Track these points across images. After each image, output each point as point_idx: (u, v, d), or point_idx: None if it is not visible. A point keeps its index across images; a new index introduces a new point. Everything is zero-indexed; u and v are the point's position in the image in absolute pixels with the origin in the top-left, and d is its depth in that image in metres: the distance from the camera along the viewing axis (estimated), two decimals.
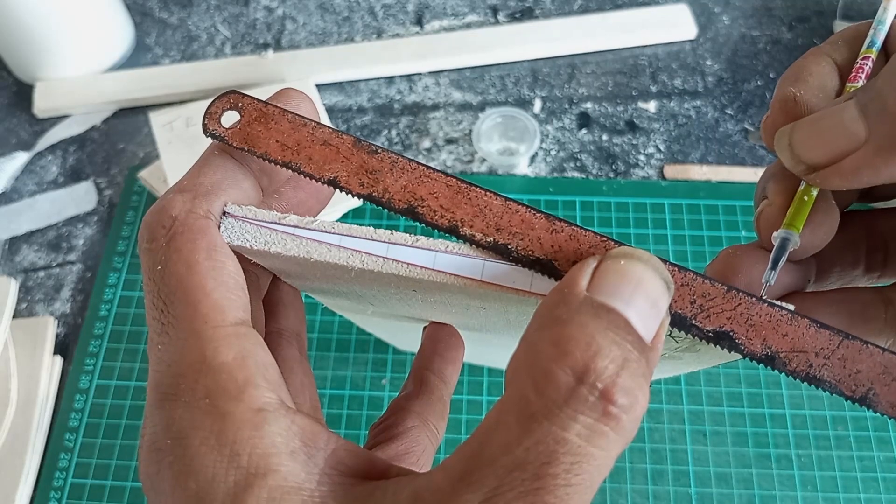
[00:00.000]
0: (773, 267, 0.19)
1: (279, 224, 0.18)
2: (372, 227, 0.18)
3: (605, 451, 0.14)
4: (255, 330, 0.17)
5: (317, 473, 0.15)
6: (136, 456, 0.47)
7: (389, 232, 0.18)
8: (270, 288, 0.25)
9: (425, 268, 0.18)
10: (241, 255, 0.19)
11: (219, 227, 0.18)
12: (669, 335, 0.18)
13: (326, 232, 0.18)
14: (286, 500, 0.15)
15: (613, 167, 0.58)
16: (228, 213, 0.18)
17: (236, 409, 0.15)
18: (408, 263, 0.18)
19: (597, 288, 0.15)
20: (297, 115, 0.19)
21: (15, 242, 0.56)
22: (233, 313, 0.17)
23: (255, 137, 0.19)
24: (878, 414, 0.16)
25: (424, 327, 0.29)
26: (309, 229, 0.18)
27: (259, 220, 0.18)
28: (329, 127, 0.19)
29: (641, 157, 0.58)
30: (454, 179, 0.18)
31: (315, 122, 0.19)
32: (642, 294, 0.15)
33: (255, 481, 0.15)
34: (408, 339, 0.43)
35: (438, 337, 0.28)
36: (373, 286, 0.21)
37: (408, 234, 0.18)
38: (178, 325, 0.16)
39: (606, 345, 0.14)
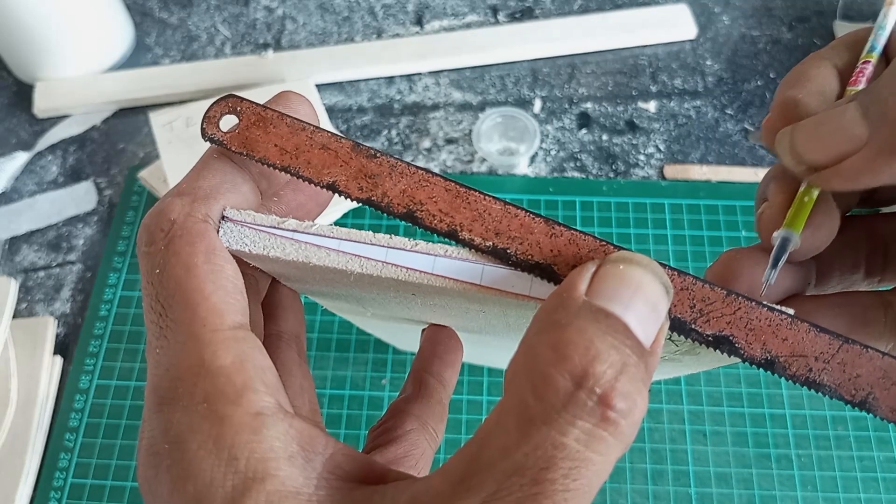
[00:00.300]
0: (774, 266, 0.19)
1: (278, 228, 0.18)
2: (371, 232, 0.18)
3: (603, 457, 0.14)
4: (253, 334, 0.17)
5: (314, 478, 0.15)
6: (136, 457, 0.47)
7: (388, 236, 0.18)
8: (269, 290, 0.24)
9: (424, 272, 0.18)
10: (239, 259, 0.19)
11: (218, 232, 0.18)
12: (669, 339, 0.18)
13: (325, 236, 0.18)
14: None
15: (613, 167, 0.58)
16: (227, 217, 0.18)
17: (234, 414, 0.15)
18: (407, 268, 0.18)
19: (596, 292, 0.15)
20: (295, 119, 0.19)
21: (15, 242, 0.56)
22: (231, 317, 0.17)
23: (253, 142, 0.19)
24: (877, 418, 0.16)
25: (423, 329, 0.29)
26: (308, 234, 0.18)
27: (258, 225, 0.18)
28: (328, 131, 0.19)
29: (641, 157, 0.58)
30: (453, 184, 0.18)
31: (314, 125, 0.19)
32: (641, 298, 0.15)
33: (252, 486, 0.15)
34: (408, 339, 0.43)
35: (437, 339, 0.27)
36: (372, 290, 0.20)
37: (407, 239, 0.18)
38: (176, 328, 0.16)
39: (605, 349, 0.14)
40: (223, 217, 0.18)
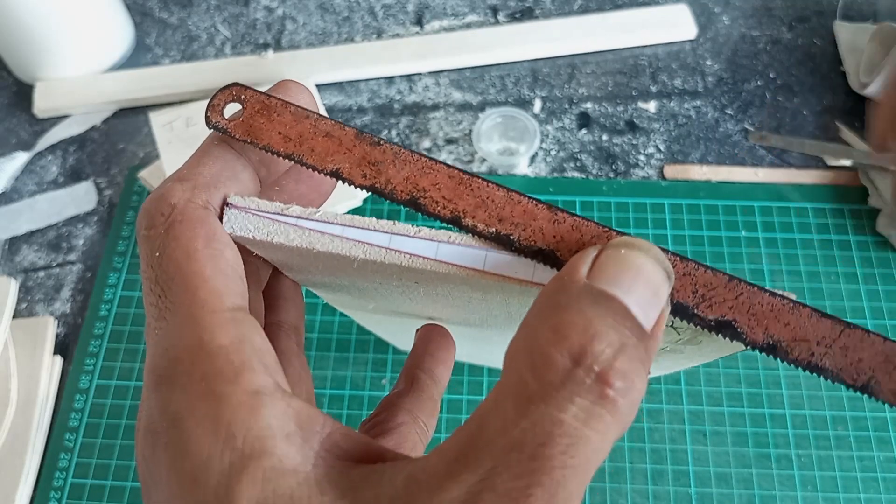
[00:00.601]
0: None
1: (282, 215, 0.18)
2: (374, 218, 0.18)
3: (601, 435, 0.14)
4: (252, 317, 0.17)
5: (312, 456, 0.15)
6: (135, 454, 0.47)
7: (392, 223, 0.18)
8: (271, 281, 0.25)
9: (427, 258, 0.18)
10: (242, 247, 0.19)
11: (221, 218, 0.18)
12: (671, 326, 0.18)
13: (329, 223, 0.18)
14: (281, 481, 0.15)
15: (613, 167, 0.58)
16: (232, 203, 0.18)
17: (232, 392, 0.15)
18: (410, 254, 0.18)
19: (597, 276, 0.15)
20: (299, 107, 0.19)
21: (15, 242, 0.56)
22: (231, 299, 0.17)
23: (257, 129, 0.19)
24: (879, 402, 0.16)
25: (418, 329, 0.29)
26: (312, 220, 0.18)
27: (262, 211, 0.18)
28: (331, 119, 0.19)
29: (641, 157, 0.58)
30: (456, 171, 0.18)
31: (317, 114, 0.19)
32: (642, 283, 0.15)
33: (250, 463, 0.15)
34: (407, 338, 0.43)
35: (430, 338, 0.28)
36: (375, 278, 0.21)
37: (410, 225, 0.18)
38: (175, 309, 0.17)
39: (604, 329, 0.14)
40: (227, 204, 0.18)
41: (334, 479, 0.15)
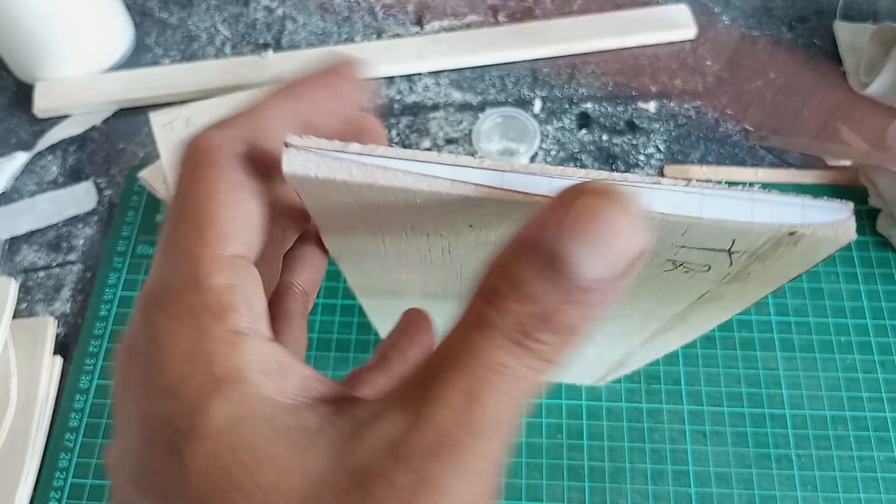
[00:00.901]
0: None
1: (343, 152, 0.18)
2: (436, 152, 0.18)
3: (532, 372, 0.15)
4: (253, 266, 0.18)
5: (288, 392, 0.16)
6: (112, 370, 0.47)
7: (454, 156, 0.18)
8: (295, 244, 0.25)
9: (493, 187, 0.17)
10: (277, 206, 0.19)
11: (282, 158, 0.18)
12: (727, 251, 0.17)
13: (392, 157, 0.18)
14: (255, 404, 0.15)
15: (613, 167, 0.58)
16: (290, 143, 0.18)
17: (215, 328, 0.16)
18: (475, 184, 0.18)
19: (548, 228, 0.15)
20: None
21: (15, 242, 0.56)
22: (235, 246, 0.18)
23: None
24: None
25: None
26: (374, 156, 0.18)
27: (323, 149, 0.18)
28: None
29: (641, 157, 0.58)
30: None
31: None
32: (596, 233, 0.14)
33: (227, 385, 0.16)
34: None
35: (411, 320, 0.28)
36: (425, 226, 0.20)
37: (473, 157, 0.18)
38: (180, 243, 0.17)
39: (534, 291, 0.15)
40: (286, 144, 0.18)
41: (307, 415, 0.16)
